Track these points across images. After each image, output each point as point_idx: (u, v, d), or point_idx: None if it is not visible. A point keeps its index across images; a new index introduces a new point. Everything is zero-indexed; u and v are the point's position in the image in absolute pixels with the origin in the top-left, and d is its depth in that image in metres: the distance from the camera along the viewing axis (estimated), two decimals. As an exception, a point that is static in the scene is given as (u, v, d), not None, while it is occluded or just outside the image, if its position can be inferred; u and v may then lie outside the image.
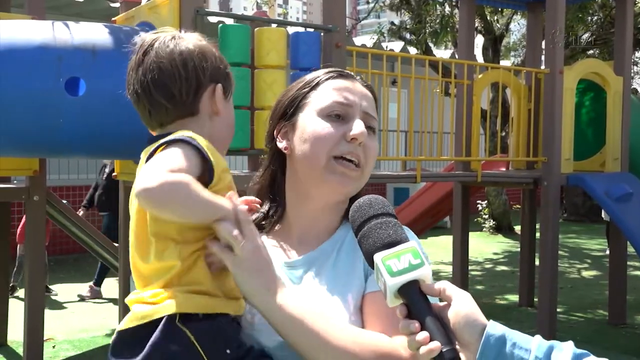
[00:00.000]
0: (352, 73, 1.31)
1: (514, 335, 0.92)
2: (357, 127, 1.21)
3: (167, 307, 1.06)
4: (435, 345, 0.89)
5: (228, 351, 1.07)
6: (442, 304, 0.96)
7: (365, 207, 1.03)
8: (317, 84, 1.27)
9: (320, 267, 1.22)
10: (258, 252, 1.07)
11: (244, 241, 1.05)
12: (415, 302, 0.93)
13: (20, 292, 5.10)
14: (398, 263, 0.94)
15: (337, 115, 1.22)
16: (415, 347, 0.90)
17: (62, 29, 3.70)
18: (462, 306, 0.94)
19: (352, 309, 1.16)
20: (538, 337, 0.93)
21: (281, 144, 1.27)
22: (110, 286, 6.96)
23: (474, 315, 0.93)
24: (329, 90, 1.25)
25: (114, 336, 1.12)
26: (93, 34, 3.77)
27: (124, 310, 1.19)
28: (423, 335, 0.90)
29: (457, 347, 0.92)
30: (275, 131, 1.29)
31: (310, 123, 1.22)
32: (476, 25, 9.34)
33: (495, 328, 0.92)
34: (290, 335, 1.06)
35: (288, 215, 1.29)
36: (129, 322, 1.09)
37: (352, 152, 1.21)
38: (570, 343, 0.92)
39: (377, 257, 0.96)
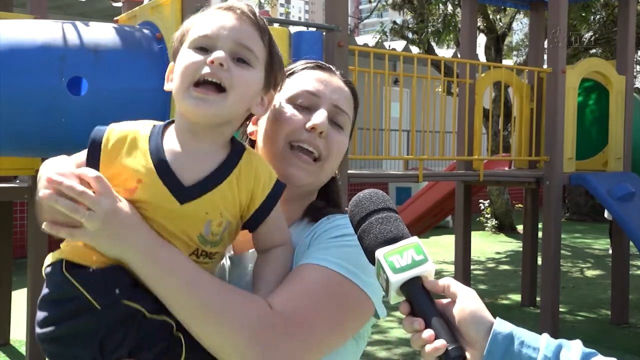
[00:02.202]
0: (332, 67, 1.28)
1: (521, 334, 0.90)
2: (318, 117, 1.18)
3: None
4: (441, 343, 0.87)
5: (117, 291, 1.01)
6: (445, 300, 0.95)
7: (366, 201, 1.00)
8: (292, 73, 1.26)
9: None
10: (114, 215, 0.98)
11: (92, 209, 0.96)
12: (419, 299, 0.91)
13: (23, 292, 5.10)
14: (401, 259, 0.92)
15: (302, 105, 1.20)
16: (419, 345, 0.89)
17: (64, 28, 3.70)
18: (467, 303, 0.92)
19: None
20: (546, 335, 0.92)
21: (250, 129, 1.27)
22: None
23: (480, 312, 0.92)
24: (301, 79, 1.23)
25: None
26: (95, 33, 3.77)
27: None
28: (428, 333, 0.88)
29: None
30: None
31: (276, 109, 1.21)
32: (479, 24, 9.33)
33: (502, 325, 0.90)
34: (164, 294, 1.01)
35: None
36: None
37: (311, 142, 1.18)
38: (579, 342, 0.91)
39: (379, 253, 0.93)
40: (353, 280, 1.10)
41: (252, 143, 1.27)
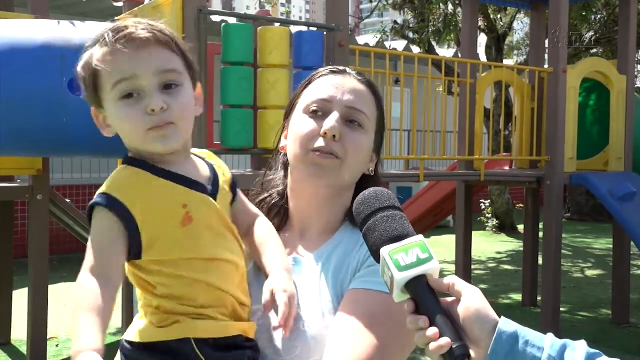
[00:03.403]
0: (347, 69, 1.31)
1: (526, 333, 0.90)
2: (328, 122, 1.21)
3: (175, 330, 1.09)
4: (445, 341, 0.87)
5: None
6: (450, 299, 0.95)
7: (371, 199, 1.01)
8: (310, 83, 1.29)
9: (311, 269, 1.23)
10: None
11: None
12: (424, 297, 0.91)
13: (24, 291, 5.10)
14: (406, 257, 0.92)
15: (315, 111, 1.24)
16: (424, 343, 0.89)
17: (65, 28, 3.70)
18: (472, 301, 0.92)
19: (328, 313, 1.16)
20: (550, 335, 0.92)
21: (282, 143, 1.32)
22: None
23: (485, 311, 0.92)
24: (317, 87, 1.27)
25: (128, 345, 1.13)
26: (96, 33, 3.76)
27: (127, 309, 1.22)
28: (433, 331, 0.88)
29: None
30: (283, 132, 1.34)
31: (295, 121, 1.26)
32: (479, 24, 9.33)
33: (507, 325, 0.90)
34: None
35: (290, 210, 1.32)
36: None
37: (326, 148, 1.21)
38: (583, 342, 0.91)
39: (384, 251, 0.93)
40: None
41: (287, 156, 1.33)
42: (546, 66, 6.29)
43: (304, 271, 1.23)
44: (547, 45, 6.11)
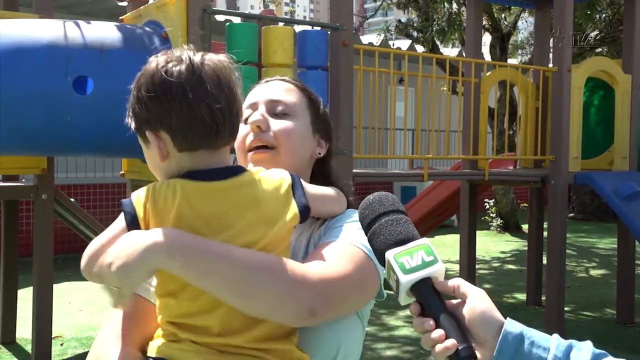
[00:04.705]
0: (273, 77, 1.40)
1: (532, 334, 0.91)
2: (252, 117, 1.30)
3: None
4: (452, 342, 0.88)
5: None
6: (455, 301, 0.95)
7: (376, 204, 1.02)
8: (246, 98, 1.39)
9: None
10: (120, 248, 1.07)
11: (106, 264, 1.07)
12: (429, 300, 0.92)
13: (28, 290, 5.12)
14: (411, 260, 0.93)
15: (247, 117, 1.32)
16: (430, 345, 0.89)
17: (70, 28, 3.70)
18: (478, 303, 0.92)
19: None
20: (556, 335, 0.92)
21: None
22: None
23: (490, 312, 0.92)
24: (247, 98, 1.37)
25: None
26: (101, 32, 3.77)
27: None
28: (438, 332, 0.89)
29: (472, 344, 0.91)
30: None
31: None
32: (483, 23, 9.31)
33: (513, 325, 0.91)
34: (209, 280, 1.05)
35: None
36: None
37: (258, 139, 1.29)
38: (589, 343, 0.91)
39: (390, 254, 0.94)
40: (372, 258, 1.17)
41: None
42: (551, 65, 6.28)
43: None
44: (551, 45, 6.10)
